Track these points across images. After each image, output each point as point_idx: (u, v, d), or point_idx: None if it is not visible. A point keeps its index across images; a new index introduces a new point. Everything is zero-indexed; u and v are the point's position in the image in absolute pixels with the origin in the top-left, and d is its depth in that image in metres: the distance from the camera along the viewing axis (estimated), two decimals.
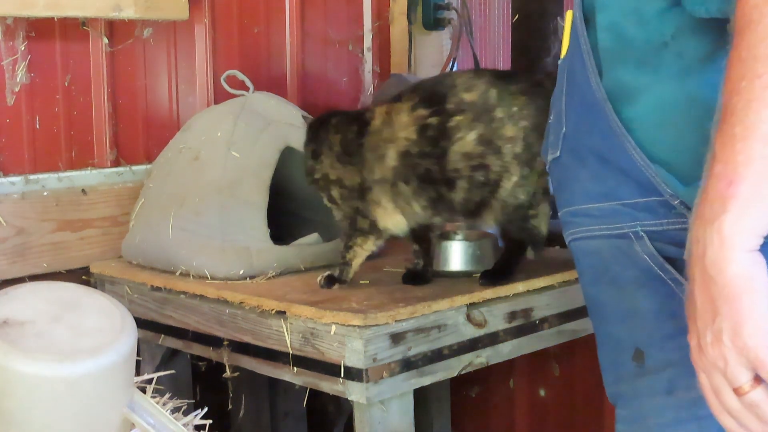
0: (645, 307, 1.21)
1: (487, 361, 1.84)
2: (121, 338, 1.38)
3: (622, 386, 1.28)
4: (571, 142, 1.27)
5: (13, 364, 1.28)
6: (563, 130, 1.28)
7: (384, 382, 1.65)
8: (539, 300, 1.92)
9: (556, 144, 1.30)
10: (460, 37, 2.81)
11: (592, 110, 1.21)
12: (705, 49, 1.12)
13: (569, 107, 1.27)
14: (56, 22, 2.15)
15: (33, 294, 1.43)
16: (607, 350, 1.32)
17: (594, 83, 1.21)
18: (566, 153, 1.28)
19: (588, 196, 1.25)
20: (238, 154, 1.99)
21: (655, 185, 1.16)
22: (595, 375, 2.71)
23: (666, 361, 1.20)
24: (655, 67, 1.16)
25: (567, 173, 1.29)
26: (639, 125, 1.18)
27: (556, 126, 1.31)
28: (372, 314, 1.64)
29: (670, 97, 1.16)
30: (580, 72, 1.23)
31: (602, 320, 1.30)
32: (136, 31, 2.30)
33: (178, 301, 1.97)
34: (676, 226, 1.17)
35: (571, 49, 1.29)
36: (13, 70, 2.12)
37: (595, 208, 1.24)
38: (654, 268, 1.18)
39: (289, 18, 2.61)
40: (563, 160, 1.29)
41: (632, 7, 1.17)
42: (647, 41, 1.16)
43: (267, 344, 1.79)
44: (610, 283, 1.25)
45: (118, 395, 1.38)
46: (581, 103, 1.24)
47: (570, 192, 1.29)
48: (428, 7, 2.82)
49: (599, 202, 1.23)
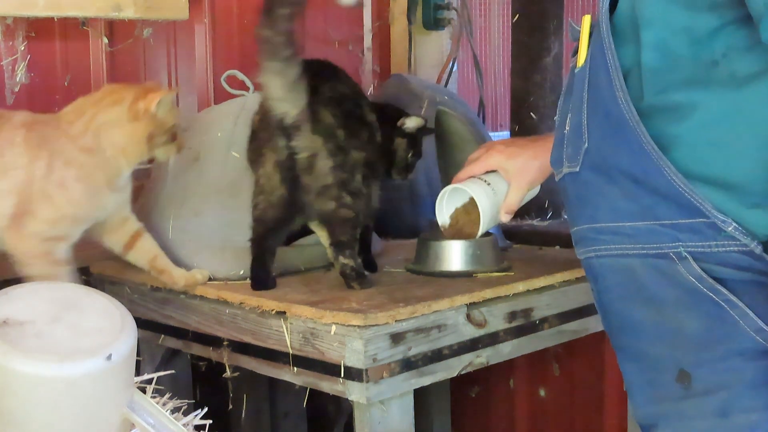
0: (691, 329, 1.20)
1: (487, 361, 1.84)
2: (121, 338, 1.38)
3: (665, 407, 1.26)
4: (594, 158, 1.25)
5: (13, 364, 1.29)
6: (585, 146, 1.26)
7: (384, 382, 1.65)
8: (539, 300, 1.92)
9: (576, 158, 1.28)
10: (460, 37, 2.81)
11: (621, 129, 1.20)
12: (757, 66, 1.12)
13: (592, 122, 1.25)
14: (56, 22, 2.15)
15: (33, 294, 1.43)
16: (641, 369, 1.30)
17: (622, 101, 1.19)
18: (588, 169, 1.26)
19: (617, 214, 1.24)
20: (238, 154, 1.99)
21: (698, 207, 1.16)
22: (595, 375, 2.73)
23: (718, 384, 1.20)
24: (705, 84, 1.15)
25: (589, 189, 1.27)
26: (688, 143, 1.17)
27: (574, 139, 1.29)
28: (372, 314, 1.64)
29: (722, 115, 1.15)
30: (606, 88, 1.22)
31: (635, 338, 1.29)
32: (136, 31, 2.30)
33: (178, 301, 1.97)
34: (727, 248, 1.17)
35: (592, 61, 1.27)
36: (13, 70, 2.12)
37: (628, 226, 1.23)
38: (702, 289, 1.18)
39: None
40: (584, 176, 1.27)
41: (682, 25, 1.16)
42: (698, 59, 1.15)
43: (267, 344, 1.79)
44: (647, 302, 1.24)
45: (118, 395, 1.38)
46: (606, 120, 1.22)
47: (593, 208, 1.28)
48: (428, 7, 2.82)
49: (632, 220, 1.22)
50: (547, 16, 2.39)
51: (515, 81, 2.45)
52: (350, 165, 1.80)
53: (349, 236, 1.83)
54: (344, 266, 1.82)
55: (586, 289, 2.02)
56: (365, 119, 1.86)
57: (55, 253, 1.76)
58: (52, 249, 1.76)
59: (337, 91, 1.82)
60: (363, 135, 1.84)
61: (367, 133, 1.85)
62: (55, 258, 1.76)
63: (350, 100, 1.84)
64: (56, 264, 1.76)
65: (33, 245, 1.74)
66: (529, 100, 2.40)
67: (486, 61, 3.06)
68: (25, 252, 1.74)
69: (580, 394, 2.67)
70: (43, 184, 1.73)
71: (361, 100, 1.87)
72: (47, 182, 1.73)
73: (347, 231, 1.82)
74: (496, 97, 3.09)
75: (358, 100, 1.86)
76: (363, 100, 1.88)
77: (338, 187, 1.79)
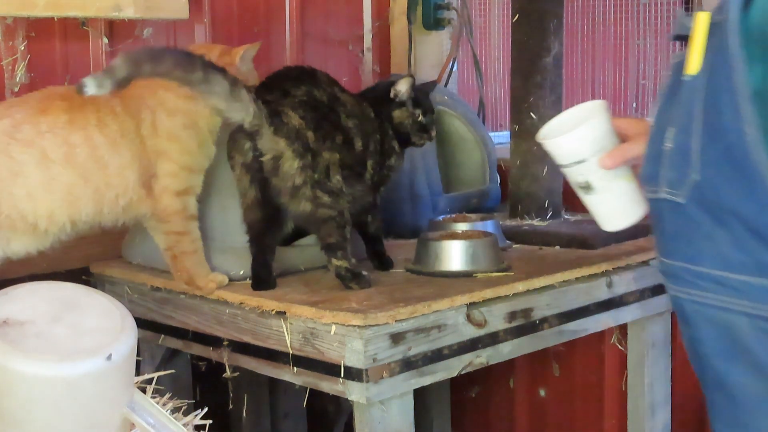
0: None
1: (487, 361, 1.84)
2: (121, 338, 1.38)
3: None
4: (706, 195, 1.11)
5: (13, 364, 1.29)
6: (695, 179, 1.11)
7: (384, 382, 1.65)
8: (539, 300, 1.92)
9: (680, 187, 1.14)
10: (460, 37, 2.81)
11: (744, 171, 1.05)
12: None
13: (708, 152, 1.10)
14: (56, 22, 2.15)
15: (33, 294, 1.43)
16: None
17: (750, 140, 1.04)
18: (695, 204, 1.12)
19: (725, 263, 1.10)
20: None
21: None
22: (595, 375, 2.73)
23: None
24: None
25: (693, 227, 1.13)
26: None
27: (680, 164, 1.14)
28: (372, 314, 1.64)
29: None
30: (730, 117, 1.07)
31: (733, 404, 1.16)
32: (136, 30, 2.30)
33: (178, 301, 1.97)
34: None
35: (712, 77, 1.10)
36: (13, 70, 2.12)
37: (737, 280, 1.10)
38: None
39: (289, 18, 2.62)
40: (690, 211, 1.13)
41: None
42: None
43: (267, 344, 1.79)
44: (753, 368, 1.12)
45: (118, 395, 1.38)
46: (727, 155, 1.07)
47: (695, 249, 1.14)
48: (428, 7, 2.82)
49: (743, 274, 1.09)
50: (547, 16, 2.39)
51: (515, 81, 2.45)
52: (323, 165, 1.80)
53: (337, 237, 1.82)
54: (338, 268, 1.82)
55: (586, 289, 2.02)
56: (339, 123, 1.85)
57: (188, 208, 1.83)
58: (186, 204, 1.82)
59: (311, 96, 1.83)
60: (337, 137, 1.83)
61: (342, 136, 1.84)
62: (189, 213, 1.83)
63: (324, 105, 1.84)
64: (190, 219, 1.84)
65: (168, 202, 1.80)
66: (529, 100, 2.40)
67: (486, 61, 3.06)
68: (163, 210, 1.80)
69: (580, 394, 2.67)
70: (153, 142, 1.78)
71: (337, 106, 1.87)
72: (157, 139, 1.78)
73: (333, 232, 1.81)
74: (496, 97, 3.09)
75: (333, 106, 1.86)
76: (341, 106, 1.88)
77: (312, 187, 1.79)
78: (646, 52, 3.49)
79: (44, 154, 1.71)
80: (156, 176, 1.79)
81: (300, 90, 1.83)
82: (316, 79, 1.88)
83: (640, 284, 2.15)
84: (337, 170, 1.83)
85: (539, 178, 2.41)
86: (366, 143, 1.91)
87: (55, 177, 1.71)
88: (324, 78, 1.90)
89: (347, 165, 1.85)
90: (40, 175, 1.71)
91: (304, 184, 1.79)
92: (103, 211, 1.77)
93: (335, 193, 1.82)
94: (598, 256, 2.12)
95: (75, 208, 1.74)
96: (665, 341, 2.37)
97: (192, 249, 1.85)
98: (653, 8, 3.44)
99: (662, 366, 2.39)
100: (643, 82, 3.50)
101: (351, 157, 1.87)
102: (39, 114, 1.73)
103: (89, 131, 1.74)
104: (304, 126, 1.79)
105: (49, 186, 1.71)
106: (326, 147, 1.81)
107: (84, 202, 1.74)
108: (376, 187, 1.96)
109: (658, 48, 3.54)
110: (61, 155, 1.71)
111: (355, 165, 1.88)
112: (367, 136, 1.92)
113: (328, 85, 1.89)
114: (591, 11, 3.32)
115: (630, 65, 3.45)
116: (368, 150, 1.92)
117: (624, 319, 2.18)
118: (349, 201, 1.85)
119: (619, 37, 3.37)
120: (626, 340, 2.38)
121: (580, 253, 2.15)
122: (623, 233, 2.34)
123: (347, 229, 1.84)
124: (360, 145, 1.89)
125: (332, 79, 1.92)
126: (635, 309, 2.17)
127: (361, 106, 1.94)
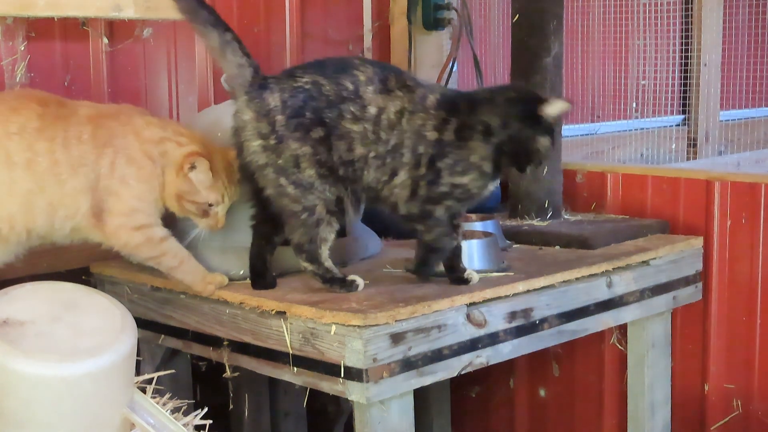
0: None
1: (487, 361, 1.84)
2: (121, 338, 1.39)
3: None
4: None
5: (13, 364, 1.29)
6: None
7: (384, 382, 1.65)
8: (539, 300, 1.92)
9: None
10: (460, 37, 2.81)
11: None
12: None
13: None
14: (56, 22, 2.15)
15: (33, 294, 1.44)
16: None
17: None
18: None
19: None
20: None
21: None
22: (595, 375, 2.73)
23: None
24: None
25: None
26: None
27: None
28: (372, 314, 1.64)
29: None
30: None
31: None
32: (135, 31, 2.30)
33: (178, 301, 1.97)
34: None
35: None
36: (13, 70, 2.12)
37: None
38: None
39: (289, 18, 2.61)
40: None
41: None
42: None
43: (267, 344, 1.79)
44: None
45: (118, 395, 1.38)
46: None
47: None
48: (428, 7, 2.82)
49: None
50: (547, 16, 2.39)
51: (515, 81, 2.45)
52: (291, 155, 1.74)
53: (301, 237, 1.77)
54: (306, 270, 1.80)
55: (586, 289, 2.02)
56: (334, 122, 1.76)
57: (153, 237, 1.80)
58: (149, 235, 1.80)
59: (316, 86, 1.76)
60: (315, 132, 1.75)
61: (324, 133, 1.75)
62: (156, 240, 1.80)
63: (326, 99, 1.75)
64: (160, 243, 1.81)
65: (127, 238, 1.78)
66: None
67: (486, 61, 3.06)
68: (124, 245, 1.79)
69: (580, 394, 2.67)
70: (107, 183, 1.76)
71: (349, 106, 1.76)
72: (111, 180, 1.76)
73: (296, 230, 1.77)
74: None
75: (340, 104, 1.76)
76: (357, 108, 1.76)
77: (275, 171, 1.76)
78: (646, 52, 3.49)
79: (8, 155, 1.69)
80: (108, 212, 1.77)
81: (306, 77, 1.77)
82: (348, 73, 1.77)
83: (640, 284, 2.15)
84: (311, 165, 1.75)
85: (539, 178, 2.41)
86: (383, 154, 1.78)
87: (16, 180, 1.70)
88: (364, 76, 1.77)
89: (325, 164, 1.76)
90: (3, 176, 1.69)
91: (266, 165, 1.76)
92: (55, 226, 1.75)
93: (304, 187, 1.75)
94: (598, 256, 2.12)
95: (30, 217, 1.72)
96: (665, 341, 2.37)
97: (177, 262, 1.84)
98: (653, 8, 3.44)
99: (662, 366, 2.39)
100: (643, 82, 3.50)
101: (333, 159, 1.76)
102: (10, 112, 1.71)
103: (54, 146, 1.72)
104: (278, 108, 1.75)
105: (10, 188, 1.70)
106: (296, 137, 1.74)
107: (38, 212, 1.72)
108: (429, 199, 1.79)
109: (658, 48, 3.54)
110: (24, 160, 1.70)
111: (341, 168, 1.77)
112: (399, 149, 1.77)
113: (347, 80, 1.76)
114: (591, 11, 3.32)
115: (630, 65, 3.46)
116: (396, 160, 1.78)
117: (624, 319, 2.18)
118: (325, 200, 1.76)
119: (619, 37, 3.37)
120: (626, 340, 2.38)
121: (580, 253, 2.15)
122: (623, 233, 2.35)
123: (320, 230, 1.76)
124: (362, 152, 1.77)
125: (401, 78, 1.79)
126: (635, 309, 2.17)
127: (420, 118, 1.78)
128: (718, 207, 2.38)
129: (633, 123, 3.45)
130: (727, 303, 2.39)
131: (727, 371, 2.41)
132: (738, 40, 3.82)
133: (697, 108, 3.65)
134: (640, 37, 3.45)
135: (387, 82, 1.79)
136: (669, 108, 3.62)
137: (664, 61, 3.61)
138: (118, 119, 1.81)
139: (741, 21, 3.83)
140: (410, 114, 1.78)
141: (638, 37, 3.45)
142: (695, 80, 3.62)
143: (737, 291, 2.37)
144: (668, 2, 3.47)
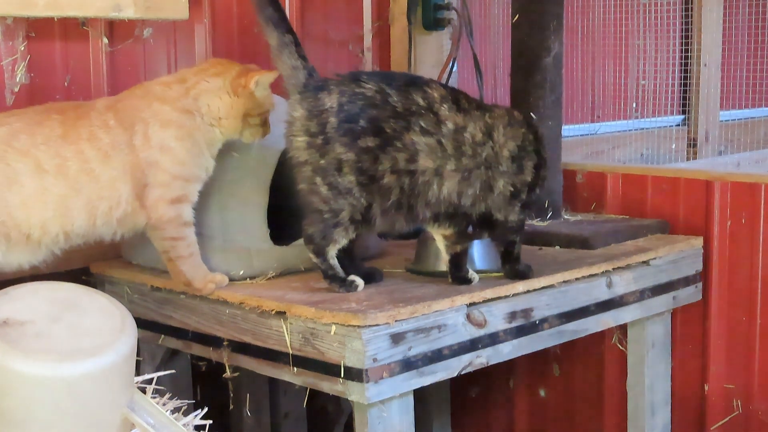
0: None
1: (487, 361, 1.84)
2: (121, 338, 1.39)
3: None
4: None
5: (13, 364, 1.29)
6: None
7: (384, 383, 1.65)
8: (539, 300, 1.92)
9: None
10: (460, 37, 2.81)
11: None
12: None
13: None
14: (56, 22, 2.15)
15: (33, 294, 1.44)
16: None
17: None
18: None
19: None
20: (237, 154, 1.99)
21: None
22: (595, 375, 2.73)
23: None
24: None
25: None
26: None
27: None
28: (372, 314, 1.64)
29: None
30: None
31: None
32: (136, 31, 2.30)
33: (178, 301, 1.97)
34: None
35: None
36: (13, 70, 2.12)
37: None
38: None
39: (288, 18, 2.61)
40: None
41: None
42: None
43: (267, 344, 1.79)
44: None
45: (118, 395, 1.38)
46: None
47: None
48: (428, 7, 2.82)
49: None
50: (547, 16, 2.39)
51: (515, 81, 2.45)
52: (334, 157, 1.74)
53: (316, 231, 1.78)
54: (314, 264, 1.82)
55: (586, 290, 2.02)
56: (395, 133, 1.76)
57: (183, 216, 1.84)
58: (180, 212, 1.83)
59: (383, 96, 1.76)
60: (364, 140, 1.74)
61: (377, 143, 1.75)
62: (183, 220, 1.84)
63: (389, 110, 1.76)
64: (185, 225, 1.85)
65: (162, 211, 1.81)
66: (529, 100, 2.40)
67: (486, 61, 3.06)
68: (158, 219, 1.82)
69: (580, 394, 2.67)
70: (146, 154, 1.80)
71: (416, 119, 1.76)
72: (149, 150, 1.80)
73: (315, 223, 1.78)
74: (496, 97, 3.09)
75: (404, 116, 1.76)
76: (426, 122, 1.77)
77: (313, 170, 1.76)
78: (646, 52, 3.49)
79: (38, 164, 1.73)
80: (149, 186, 1.80)
81: (371, 86, 1.77)
82: (419, 88, 1.79)
83: (640, 284, 2.15)
84: (352, 171, 1.75)
85: None
86: (470, 167, 1.80)
87: (48, 187, 1.73)
88: (437, 94, 1.79)
89: (366, 172, 1.75)
90: (34, 184, 1.73)
91: (306, 163, 1.77)
92: (96, 223, 1.78)
93: (338, 190, 1.76)
94: (598, 256, 2.12)
95: (67, 219, 1.75)
96: (665, 341, 2.37)
97: (187, 253, 1.86)
98: (653, 8, 3.45)
99: (662, 366, 2.39)
100: (643, 82, 3.50)
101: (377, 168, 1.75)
102: (35, 125, 1.76)
103: (80, 145, 1.76)
104: (333, 110, 1.75)
105: (42, 196, 1.73)
106: (343, 142, 1.74)
107: (76, 213, 1.76)
108: (526, 205, 1.90)
109: (658, 48, 3.55)
110: (54, 166, 1.74)
111: (387, 177, 1.76)
112: (472, 169, 1.81)
113: (432, 100, 1.78)
114: (591, 11, 3.33)
115: (630, 65, 3.46)
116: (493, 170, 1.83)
117: (624, 320, 2.18)
118: (355, 207, 1.76)
119: (619, 37, 3.38)
120: (626, 340, 2.38)
121: (580, 253, 2.15)
122: (623, 233, 2.35)
123: (335, 231, 1.77)
124: (428, 165, 1.77)
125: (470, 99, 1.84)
126: (635, 309, 2.17)
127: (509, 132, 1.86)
128: (718, 207, 2.38)
129: (633, 123, 3.46)
130: (727, 303, 2.39)
131: (727, 371, 2.41)
132: (738, 40, 3.82)
133: (697, 108, 3.65)
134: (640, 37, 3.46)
135: (460, 102, 1.82)
136: (669, 108, 3.62)
137: (664, 61, 3.61)
138: (136, 96, 1.85)
139: (741, 21, 3.83)
140: (497, 129, 1.85)
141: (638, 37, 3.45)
142: (695, 80, 3.63)
143: (737, 291, 2.37)
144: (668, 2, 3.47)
